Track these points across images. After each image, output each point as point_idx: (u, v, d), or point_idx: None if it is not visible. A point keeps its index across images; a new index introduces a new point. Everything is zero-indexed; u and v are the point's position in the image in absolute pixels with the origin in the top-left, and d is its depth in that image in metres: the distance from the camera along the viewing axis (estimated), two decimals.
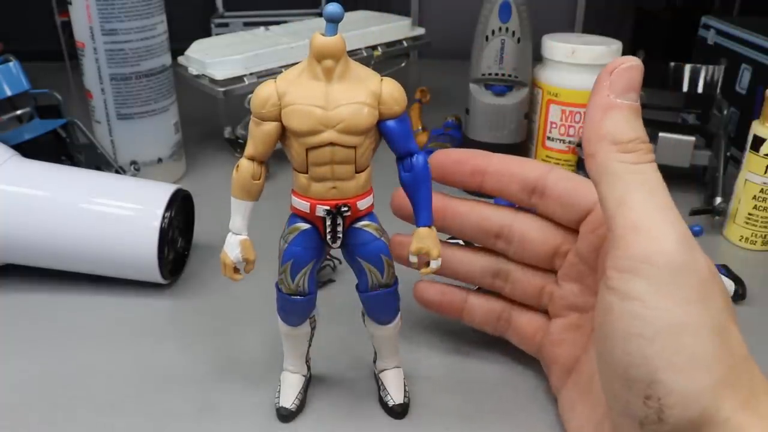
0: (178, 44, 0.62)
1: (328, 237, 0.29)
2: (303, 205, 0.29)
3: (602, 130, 0.26)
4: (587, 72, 0.55)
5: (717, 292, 0.25)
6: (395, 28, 0.74)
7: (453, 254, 0.36)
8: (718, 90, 0.58)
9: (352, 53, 0.67)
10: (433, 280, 0.37)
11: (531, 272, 0.35)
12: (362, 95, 0.27)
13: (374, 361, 0.35)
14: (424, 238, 0.29)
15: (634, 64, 0.26)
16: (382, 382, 0.34)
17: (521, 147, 0.60)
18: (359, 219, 0.29)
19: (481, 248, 0.36)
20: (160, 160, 0.58)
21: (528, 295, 0.35)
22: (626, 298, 0.25)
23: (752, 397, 0.24)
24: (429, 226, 0.29)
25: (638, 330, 0.24)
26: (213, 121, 0.71)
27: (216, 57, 0.61)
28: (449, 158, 0.35)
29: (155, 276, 0.43)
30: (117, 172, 0.55)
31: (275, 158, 0.33)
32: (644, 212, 0.25)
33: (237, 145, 0.65)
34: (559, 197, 0.33)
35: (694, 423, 0.24)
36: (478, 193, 0.36)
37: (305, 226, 0.29)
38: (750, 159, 0.48)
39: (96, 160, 0.55)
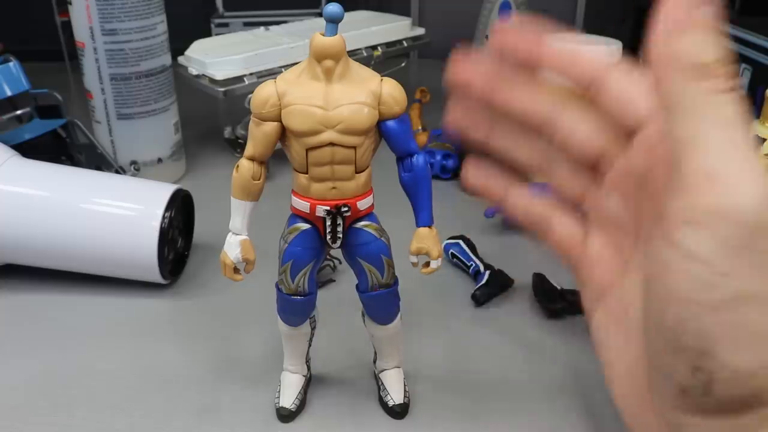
0: (178, 44, 0.62)
1: (328, 237, 0.29)
2: (303, 205, 0.29)
3: (673, 49, 0.22)
4: None
5: None
6: (395, 28, 0.74)
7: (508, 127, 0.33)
8: None
9: (352, 53, 0.67)
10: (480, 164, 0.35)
11: (578, 166, 0.31)
12: (362, 95, 0.27)
13: (374, 361, 0.35)
14: (424, 238, 0.29)
15: None
16: (382, 382, 0.34)
17: None
18: (359, 219, 0.29)
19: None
20: (160, 160, 0.58)
21: (574, 183, 0.31)
22: (689, 258, 0.22)
23: None
24: (429, 226, 0.29)
25: (699, 296, 0.22)
26: (213, 121, 0.71)
27: (216, 57, 0.61)
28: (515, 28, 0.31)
29: (155, 276, 0.43)
30: (117, 172, 0.55)
31: (275, 158, 0.33)
32: (721, 156, 0.22)
33: (237, 145, 0.65)
34: (615, 100, 0.28)
35: (742, 401, 0.23)
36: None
37: (305, 226, 0.29)
38: None
39: (96, 160, 0.55)
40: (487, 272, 0.44)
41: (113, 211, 0.42)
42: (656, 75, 0.23)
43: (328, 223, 0.29)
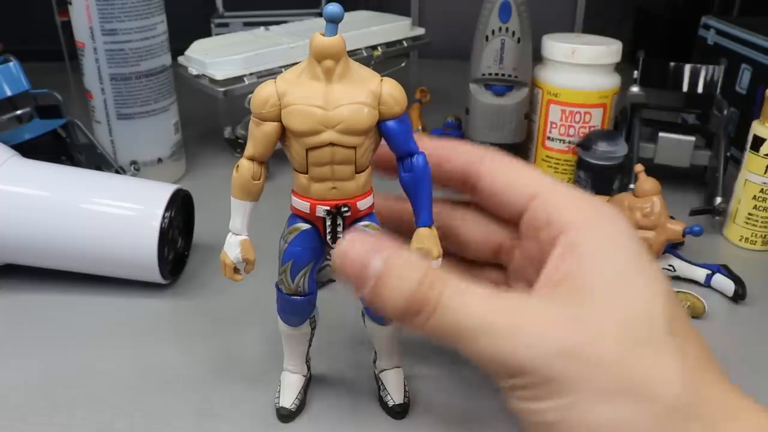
0: (178, 44, 0.62)
1: (328, 237, 0.29)
2: (303, 205, 0.29)
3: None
4: (587, 72, 0.55)
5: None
6: (395, 28, 0.74)
7: None
8: (718, 90, 0.58)
9: (352, 53, 0.67)
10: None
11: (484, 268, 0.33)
12: (362, 95, 0.27)
13: (374, 361, 0.35)
14: (425, 238, 0.29)
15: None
16: (382, 382, 0.34)
17: (521, 147, 0.60)
18: (359, 219, 0.29)
19: None
20: (160, 160, 0.58)
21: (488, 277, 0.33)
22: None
23: None
24: (429, 227, 0.29)
25: None
26: (213, 121, 0.71)
27: (216, 57, 0.61)
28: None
29: (155, 276, 0.43)
30: (117, 172, 0.55)
31: (275, 158, 0.33)
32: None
33: (237, 145, 0.65)
34: (493, 194, 0.29)
35: None
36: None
37: (305, 226, 0.29)
38: (750, 159, 0.48)
39: (96, 160, 0.55)
40: None
41: (113, 211, 0.42)
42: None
43: (328, 223, 0.29)
